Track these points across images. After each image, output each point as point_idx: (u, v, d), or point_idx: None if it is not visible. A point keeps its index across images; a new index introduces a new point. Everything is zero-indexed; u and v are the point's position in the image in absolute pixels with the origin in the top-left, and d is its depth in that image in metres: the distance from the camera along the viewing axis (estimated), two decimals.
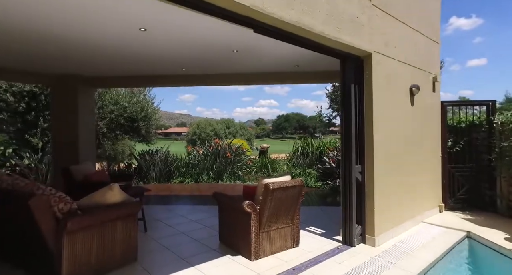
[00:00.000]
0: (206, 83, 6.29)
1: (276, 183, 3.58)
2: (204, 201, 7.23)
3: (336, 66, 5.49)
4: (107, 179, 5.77)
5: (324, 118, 19.56)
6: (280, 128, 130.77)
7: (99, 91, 8.62)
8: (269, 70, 5.91)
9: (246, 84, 6.44)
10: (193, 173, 10.12)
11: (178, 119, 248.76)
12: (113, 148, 25.92)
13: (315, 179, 9.00)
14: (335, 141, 10.12)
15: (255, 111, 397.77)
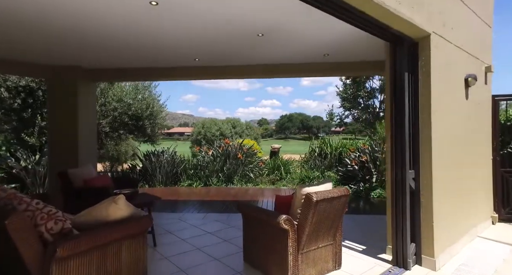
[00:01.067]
0: (223, 75, 5.58)
1: (320, 193, 2.89)
2: (216, 207, 6.55)
3: (374, 56, 4.80)
4: (110, 184, 5.10)
5: (336, 118, 18.86)
6: (283, 128, 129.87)
7: (101, 87, 7.97)
8: (294, 61, 5.19)
9: (268, 76, 5.73)
10: (202, 176, 9.46)
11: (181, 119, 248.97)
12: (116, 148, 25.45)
13: (335, 182, 8.29)
14: (354, 141, 9.40)
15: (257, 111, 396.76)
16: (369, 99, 18.66)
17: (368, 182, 7.43)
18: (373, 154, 7.60)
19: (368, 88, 18.21)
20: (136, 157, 10.45)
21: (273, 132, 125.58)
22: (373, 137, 8.88)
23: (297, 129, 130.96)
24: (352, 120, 19.47)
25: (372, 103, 18.18)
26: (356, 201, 7.28)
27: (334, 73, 5.59)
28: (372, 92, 18.17)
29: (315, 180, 8.25)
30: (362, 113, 18.23)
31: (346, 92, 18.46)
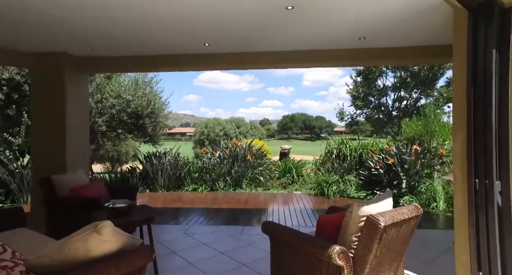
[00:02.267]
0: (237, 65, 4.73)
1: (387, 215, 2.06)
2: (226, 217, 5.74)
3: (428, 38, 3.88)
4: (103, 193, 4.29)
5: (347, 117, 18.03)
6: (285, 128, 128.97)
7: (97, 82, 7.18)
8: (322, 46, 4.34)
9: (288, 66, 4.88)
10: (207, 179, 8.65)
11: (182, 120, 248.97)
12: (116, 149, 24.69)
13: (356, 187, 7.47)
14: (376, 141, 8.57)
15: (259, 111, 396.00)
16: (381, 98, 17.85)
17: (396, 187, 6.60)
18: (400, 156, 6.77)
19: (380, 86, 17.41)
20: (137, 158, 9.62)
21: (275, 132, 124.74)
22: (396, 138, 8.04)
23: (299, 129, 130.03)
24: (363, 119, 18.63)
25: (385, 102, 17.37)
26: None
27: (371, 61, 4.74)
28: (384, 89, 17.36)
29: (334, 185, 7.43)
30: (374, 112, 17.42)
31: (357, 90, 17.65)
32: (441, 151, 6.61)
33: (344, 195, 7.32)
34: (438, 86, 16.13)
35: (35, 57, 4.46)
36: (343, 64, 5.00)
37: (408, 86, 16.48)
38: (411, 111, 16.84)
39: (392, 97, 17.54)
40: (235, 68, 5.06)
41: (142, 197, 7.82)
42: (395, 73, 16.81)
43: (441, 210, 5.65)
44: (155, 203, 7.04)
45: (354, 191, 7.29)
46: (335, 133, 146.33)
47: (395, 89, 17.23)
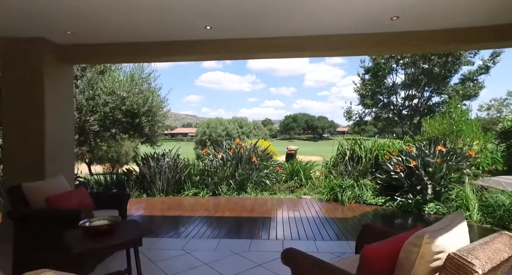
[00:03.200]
0: (245, 53, 4.00)
1: (483, 256, 1.37)
2: (230, 227, 5.07)
3: (477, 17, 3.18)
4: (87, 203, 3.64)
5: (355, 116, 17.30)
6: (287, 128, 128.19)
7: (89, 77, 6.54)
8: (347, 30, 3.67)
9: (302, 55, 4.20)
10: (209, 183, 7.99)
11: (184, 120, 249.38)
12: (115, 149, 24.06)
13: (373, 192, 6.78)
14: (393, 142, 7.88)
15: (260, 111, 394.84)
16: (390, 96, 17.13)
17: (420, 193, 5.91)
18: (423, 158, 6.08)
19: (389, 84, 16.66)
20: (138, 159, 8.96)
21: (277, 133, 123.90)
22: (415, 138, 7.36)
23: (301, 130, 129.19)
24: (372, 118, 17.87)
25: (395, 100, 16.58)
26: (403, 216, 5.77)
27: (407, 48, 3.98)
28: (394, 87, 16.63)
29: (348, 190, 6.75)
30: (385, 110, 16.67)
31: (365, 88, 16.92)
32: (470, 153, 5.92)
33: (360, 201, 6.64)
34: (452, 84, 15.38)
35: (5, 44, 3.81)
36: (368, 52, 4.33)
37: (419, 83, 15.76)
38: (423, 110, 16.14)
39: (402, 95, 16.83)
40: (238, 57, 4.37)
41: (138, 203, 7.17)
42: (405, 70, 16.09)
43: (476, 220, 4.96)
44: (152, 210, 6.40)
45: (371, 197, 6.61)
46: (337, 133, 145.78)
47: (405, 87, 16.51)
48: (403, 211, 5.99)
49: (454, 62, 14.46)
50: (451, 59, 14.27)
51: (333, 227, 5.12)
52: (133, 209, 6.49)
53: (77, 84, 6.43)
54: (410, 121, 16.61)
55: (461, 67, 14.53)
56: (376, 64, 16.21)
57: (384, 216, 5.94)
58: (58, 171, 4.00)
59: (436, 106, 16.09)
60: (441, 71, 14.88)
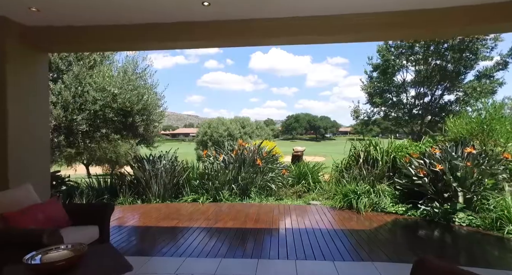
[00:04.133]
0: (243, 38, 3.29)
1: None
2: (233, 241, 4.39)
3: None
4: (59, 219, 2.98)
5: (363, 115, 16.56)
6: (290, 128, 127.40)
7: (76, 72, 5.89)
8: (363, 8, 3.00)
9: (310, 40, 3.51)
10: (210, 188, 7.33)
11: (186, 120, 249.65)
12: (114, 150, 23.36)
13: (391, 199, 6.09)
14: (410, 142, 7.17)
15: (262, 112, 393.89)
16: (399, 94, 16.38)
17: (448, 201, 5.21)
18: (451, 162, 5.39)
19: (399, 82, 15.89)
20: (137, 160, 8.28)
21: (279, 133, 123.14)
22: (436, 138, 6.66)
23: (304, 130, 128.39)
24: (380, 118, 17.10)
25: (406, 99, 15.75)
26: (429, 229, 5.07)
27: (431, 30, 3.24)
28: (404, 85, 15.85)
29: (364, 197, 6.06)
30: (395, 109, 15.90)
31: (374, 86, 16.16)
32: (505, 155, 5.22)
33: (377, 209, 5.94)
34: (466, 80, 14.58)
35: None
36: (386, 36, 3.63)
37: (431, 81, 14.99)
38: (434, 108, 15.37)
39: (412, 93, 16.09)
40: (239, 43, 3.68)
41: (131, 210, 6.52)
42: (416, 67, 15.31)
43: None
44: (146, 219, 5.73)
45: (389, 205, 5.91)
46: (340, 133, 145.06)
47: (416, 85, 15.75)
48: (428, 221, 5.30)
49: (470, 58, 13.66)
50: (466, 55, 13.48)
51: (351, 241, 4.43)
52: (125, 218, 5.83)
53: (62, 79, 5.78)
54: (422, 120, 15.84)
55: (478, 62, 13.74)
56: (385, 60, 15.47)
57: (406, 227, 5.25)
58: (27, 177, 3.34)
59: (449, 105, 15.29)
60: (455, 67, 14.09)
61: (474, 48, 13.06)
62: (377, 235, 4.70)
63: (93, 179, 8.09)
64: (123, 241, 4.48)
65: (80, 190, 6.92)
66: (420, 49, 14.36)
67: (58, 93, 5.35)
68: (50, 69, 5.83)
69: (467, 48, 13.12)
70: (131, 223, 5.45)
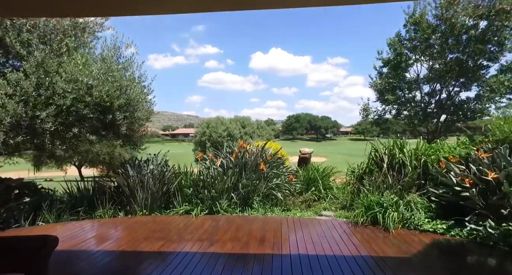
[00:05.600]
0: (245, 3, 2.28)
1: None
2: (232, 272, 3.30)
3: None
4: None
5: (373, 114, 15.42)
6: (290, 129, 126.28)
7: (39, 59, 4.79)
8: None
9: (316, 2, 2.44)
10: (205, 197, 6.23)
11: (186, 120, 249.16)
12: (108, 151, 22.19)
13: (426, 213, 4.98)
14: (440, 144, 6.06)
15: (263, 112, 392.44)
16: (411, 91, 15.26)
17: (506, 219, 4.11)
18: (509, 169, 4.28)
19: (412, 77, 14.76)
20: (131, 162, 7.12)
21: (279, 133, 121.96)
22: (477, 139, 5.56)
23: (304, 130, 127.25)
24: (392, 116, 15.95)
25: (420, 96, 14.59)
26: (486, 256, 3.96)
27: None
28: (418, 81, 14.70)
29: (392, 209, 4.96)
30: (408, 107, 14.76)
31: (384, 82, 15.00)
32: None
33: (410, 226, 4.84)
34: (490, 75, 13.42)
35: None
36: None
37: (447, 77, 13.83)
38: (451, 106, 14.22)
39: (425, 90, 14.98)
40: (229, 7, 2.55)
41: (109, 225, 5.42)
42: (431, 61, 14.17)
43: None
44: (124, 239, 4.63)
45: (425, 221, 4.80)
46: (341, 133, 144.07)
47: (430, 81, 14.64)
48: (480, 244, 4.18)
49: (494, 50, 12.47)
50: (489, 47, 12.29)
51: None
52: (97, 237, 4.73)
53: (22, 66, 4.69)
54: (438, 119, 14.70)
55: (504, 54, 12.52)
56: (396, 54, 14.32)
57: (452, 251, 4.14)
58: None
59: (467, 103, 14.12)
60: (476, 61, 12.91)
61: (501, 37, 11.84)
62: (421, 265, 3.60)
63: (79, 184, 6.96)
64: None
65: (51, 201, 5.81)
66: (435, 41, 13.17)
67: (16, 84, 4.23)
68: (7, 55, 4.74)
69: (492, 37, 11.90)
70: (102, 246, 4.34)
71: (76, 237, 4.60)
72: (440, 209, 4.86)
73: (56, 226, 5.28)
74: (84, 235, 4.72)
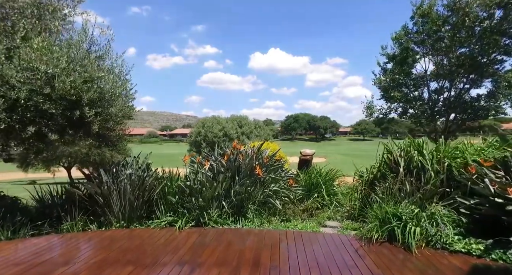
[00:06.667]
0: None
1: None
2: None
3: None
4: None
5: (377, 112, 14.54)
6: (289, 129, 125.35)
7: None
8: None
9: None
10: (192, 206, 5.38)
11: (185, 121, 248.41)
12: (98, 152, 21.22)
13: (455, 228, 4.13)
14: (465, 144, 5.21)
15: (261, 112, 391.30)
16: (418, 88, 14.41)
17: None
18: None
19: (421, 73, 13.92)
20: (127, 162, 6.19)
21: (278, 133, 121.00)
22: (507, 138, 4.72)
23: (303, 130, 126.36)
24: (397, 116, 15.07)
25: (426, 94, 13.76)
26: None
27: None
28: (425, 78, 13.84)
29: (413, 224, 4.11)
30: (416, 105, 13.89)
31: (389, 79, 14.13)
32: None
33: (437, 244, 3.98)
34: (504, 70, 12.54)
35: None
36: None
37: (455, 73, 12.97)
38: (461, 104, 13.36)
39: (432, 87, 14.12)
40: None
41: (74, 242, 4.55)
42: (440, 57, 13.32)
43: None
44: (86, 263, 3.75)
45: (455, 239, 3.95)
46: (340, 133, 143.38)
47: (438, 78, 13.80)
48: None
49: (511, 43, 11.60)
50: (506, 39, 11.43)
51: None
52: (52, 260, 3.85)
53: None
54: (447, 118, 13.83)
55: None
56: (403, 49, 13.45)
57: None
58: None
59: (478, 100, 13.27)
60: (491, 54, 12.03)
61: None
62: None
63: (51, 188, 6.08)
64: None
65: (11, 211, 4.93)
66: (445, 34, 12.26)
67: None
68: None
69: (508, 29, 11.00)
70: (56, 273, 3.46)
71: (22, 263, 3.71)
72: (473, 224, 4.01)
73: (4, 246, 4.36)
74: (35, 259, 3.84)
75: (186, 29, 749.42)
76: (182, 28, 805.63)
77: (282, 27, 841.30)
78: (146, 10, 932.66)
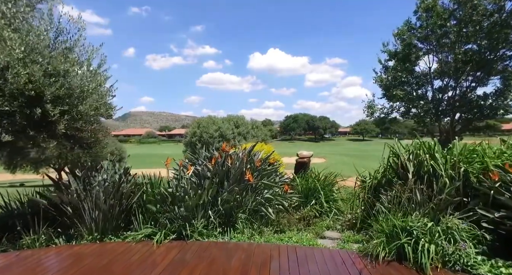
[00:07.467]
0: None
1: None
2: None
3: None
4: None
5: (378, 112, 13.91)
6: (288, 129, 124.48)
7: None
8: None
9: None
10: (174, 216, 4.76)
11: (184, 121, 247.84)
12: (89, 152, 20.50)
13: (476, 246, 3.51)
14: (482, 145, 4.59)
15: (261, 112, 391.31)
16: (421, 87, 13.79)
17: None
18: None
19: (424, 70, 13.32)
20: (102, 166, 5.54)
21: (277, 133, 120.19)
22: None
23: (302, 130, 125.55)
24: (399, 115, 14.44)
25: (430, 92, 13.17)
26: None
27: None
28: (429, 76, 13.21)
29: (426, 240, 3.50)
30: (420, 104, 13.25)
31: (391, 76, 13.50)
32: None
33: (456, 266, 3.37)
34: None
35: None
36: None
37: (461, 70, 12.35)
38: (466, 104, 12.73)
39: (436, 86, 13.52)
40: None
41: (30, 261, 3.92)
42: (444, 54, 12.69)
43: None
44: None
45: (478, 260, 3.33)
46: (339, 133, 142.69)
47: (442, 76, 13.18)
48: None
49: None
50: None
51: None
52: None
53: None
54: (452, 117, 13.21)
55: None
56: (405, 45, 12.82)
57: None
58: None
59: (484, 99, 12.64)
60: (499, 50, 11.39)
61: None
62: None
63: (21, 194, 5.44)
64: None
65: None
66: (451, 29, 11.61)
67: None
68: None
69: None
70: None
71: None
72: (499, 242, 3.40)
73: None
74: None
75: (186, 29, 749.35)
76: (181, 28, 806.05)
77: (282, 27, 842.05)
78: (146, 10, 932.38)
